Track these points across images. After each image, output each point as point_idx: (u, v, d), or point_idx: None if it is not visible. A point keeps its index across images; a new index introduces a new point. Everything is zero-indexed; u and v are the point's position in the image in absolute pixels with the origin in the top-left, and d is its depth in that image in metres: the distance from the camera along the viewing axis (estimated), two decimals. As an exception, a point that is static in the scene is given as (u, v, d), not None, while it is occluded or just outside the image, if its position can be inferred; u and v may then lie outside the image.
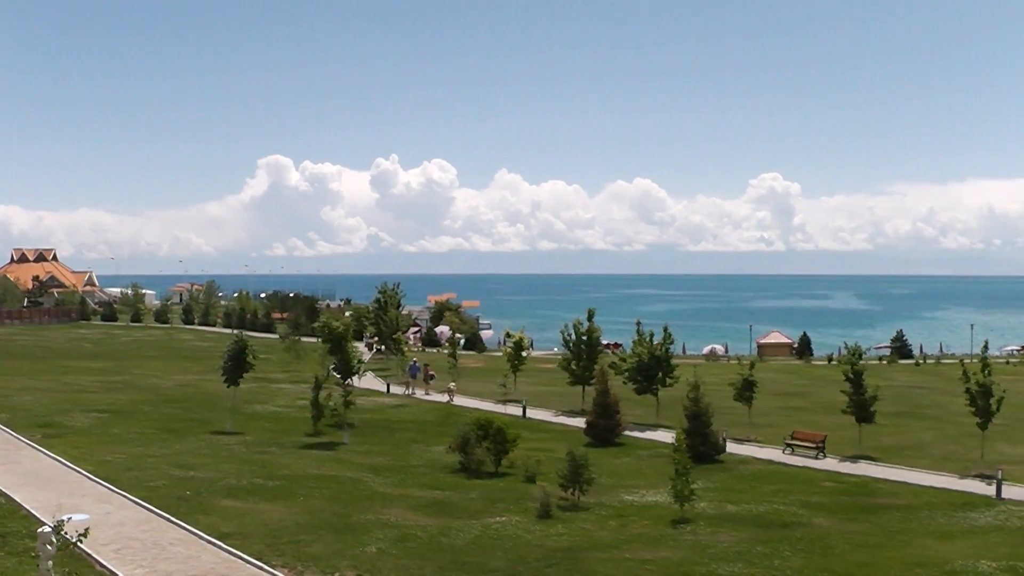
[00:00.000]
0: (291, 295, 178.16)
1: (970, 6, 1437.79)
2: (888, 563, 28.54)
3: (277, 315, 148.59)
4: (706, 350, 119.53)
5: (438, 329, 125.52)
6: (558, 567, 27.25)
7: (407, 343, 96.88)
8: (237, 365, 53.15)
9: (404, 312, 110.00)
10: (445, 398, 66.26)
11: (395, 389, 71.01)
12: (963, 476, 43.61)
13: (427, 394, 67.92)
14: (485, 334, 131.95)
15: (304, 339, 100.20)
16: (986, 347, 50.47)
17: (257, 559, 26.46)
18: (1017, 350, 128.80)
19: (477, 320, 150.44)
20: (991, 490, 39.64)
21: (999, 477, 40.05)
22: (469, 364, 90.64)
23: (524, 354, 73.85)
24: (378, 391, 71.08)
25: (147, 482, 36.88)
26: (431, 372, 70.77)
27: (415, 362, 73.66)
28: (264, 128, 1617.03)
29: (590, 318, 64.92)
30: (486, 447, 42.40)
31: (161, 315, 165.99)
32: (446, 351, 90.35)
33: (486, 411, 54.38)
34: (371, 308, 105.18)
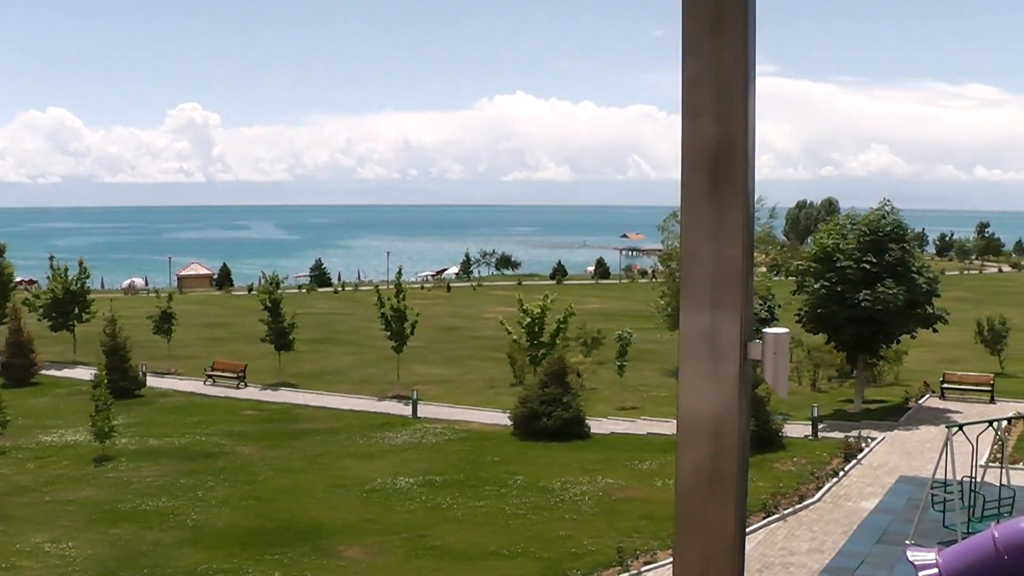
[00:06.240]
0: None
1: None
2: (312, 486, 29.54)
3: None
4: (125, 284, 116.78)
5: None
6: (-29, 516, 26.09)
7: None
8: None
9: None
10: None
11: None
12: (381, 398, 45.91)
13: None
14: None
15: None
16: (400, 273, 52.90)
17: None
18: (432, 275, 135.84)
19: None
20: (408, 410, 42.26)
21: (415, 397, 42.70)
22: None
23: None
24: None
25: None
26: None
27: None
28: None
29: (0, 254, 61.44)
30: None
31: None
32: None
33: None
34: None
